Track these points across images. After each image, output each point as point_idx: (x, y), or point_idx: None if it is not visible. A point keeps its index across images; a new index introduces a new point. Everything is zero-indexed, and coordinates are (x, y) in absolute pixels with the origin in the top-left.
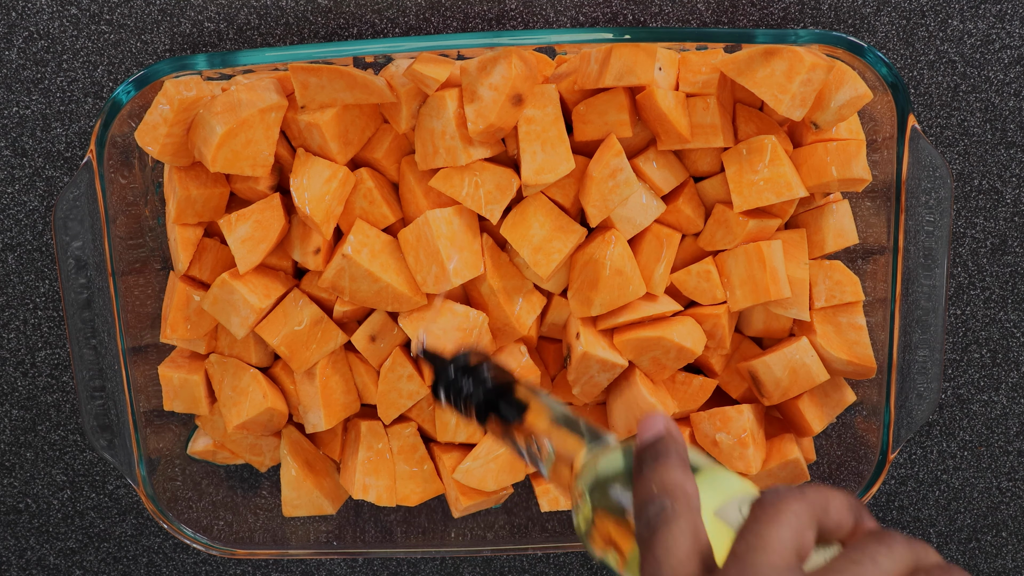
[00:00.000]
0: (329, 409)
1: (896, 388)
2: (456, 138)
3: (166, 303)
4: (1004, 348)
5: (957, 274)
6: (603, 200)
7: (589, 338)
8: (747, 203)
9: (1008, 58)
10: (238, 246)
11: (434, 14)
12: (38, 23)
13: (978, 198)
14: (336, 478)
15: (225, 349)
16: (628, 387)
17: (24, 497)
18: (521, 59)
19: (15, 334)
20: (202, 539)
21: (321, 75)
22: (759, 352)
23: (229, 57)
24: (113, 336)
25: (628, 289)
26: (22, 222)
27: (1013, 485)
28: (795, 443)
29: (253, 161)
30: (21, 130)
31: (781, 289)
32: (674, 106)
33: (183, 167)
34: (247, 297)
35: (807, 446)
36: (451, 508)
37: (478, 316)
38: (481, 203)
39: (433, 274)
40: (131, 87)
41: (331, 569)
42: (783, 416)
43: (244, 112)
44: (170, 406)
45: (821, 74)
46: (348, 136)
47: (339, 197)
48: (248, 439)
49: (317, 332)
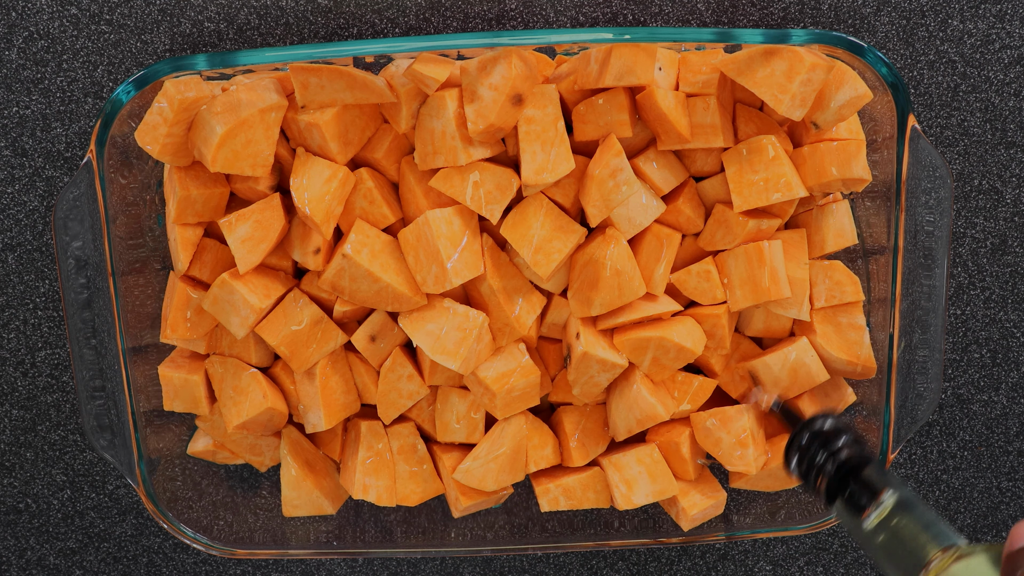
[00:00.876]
0: (329, 409)
1: (896, 388)
2: (456, 138)
3: (166, 303)
4: (1004, 348)
5: (957, 274)
6: (603, 200)
7: (589, 338)
8: (747, 203)
9: (1008, 58)
10: (238, 246)
11: (434, 14)
12: (38, 23)
13: (978, 198)
14: (336, 478)
15: (225, 349)
16: (628, 387)
17: (24, 497)
18: (521, 59)
19: (15, 334)
20: (202, 539)
21: (321, 75)
22: (759, 352)
23: (229, 57)
24: (113, 336)
25: (628, 289)
26: (22, 222)
27: (1013, 485)
28: None
29: (253, 161)
30: (21, 130)
31: (781, 289)
32: (674, 106)
33: (183, 167)
34: (247, 297)
35: None
36: (451, 508)
37: (478, 316)
38: (481, 203)
39: (433, 274)
40: (131, 87)
41: (331, 569)
42: None
43: (244, 112)
44: (170, 406)
45: (821, 74)
46: (348, 136)
47: (339, 197)
48: (248, 439)
49: (317, 332)
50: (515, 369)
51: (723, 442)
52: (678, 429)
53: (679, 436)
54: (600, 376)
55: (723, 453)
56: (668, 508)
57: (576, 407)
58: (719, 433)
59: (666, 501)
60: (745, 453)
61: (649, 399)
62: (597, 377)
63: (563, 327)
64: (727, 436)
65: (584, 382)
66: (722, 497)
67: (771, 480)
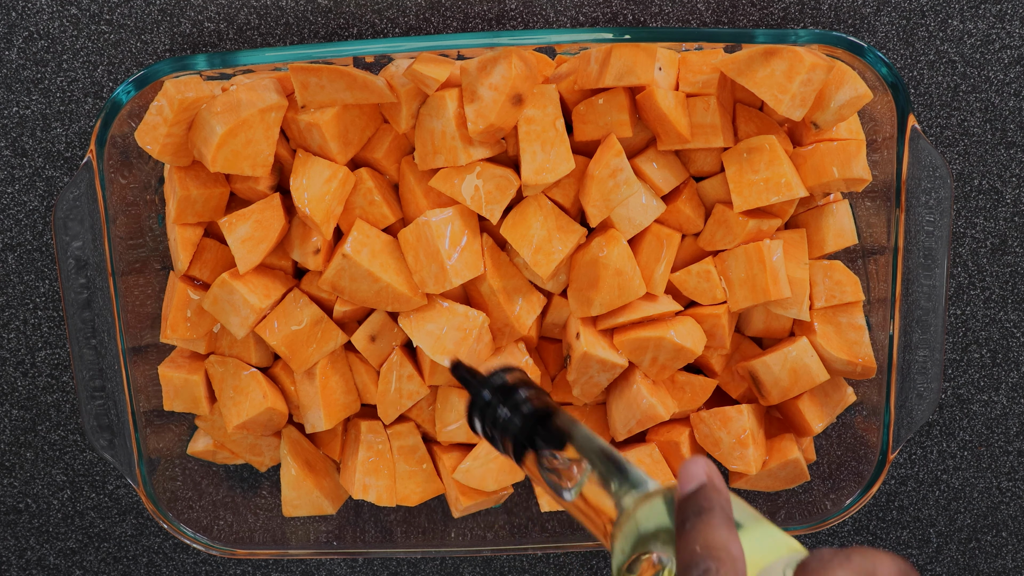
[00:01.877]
0: (329, 409)
1: (896, 388)
2: (456, 138)
3: (166, 303)
4: (1004, 348)
5: (957, 274)
6: (603, 200)
7: (589, 338)
8: (747, 203)
9: (1008, 58)
10: (238, 246)
11: (434, 14)
12: (38, 23)
13: (978, 198)
14: (336, 478)
15: (225, 349)
16: (628, 387)
17: (24, 497)
18: (521, 59)
19: (15, 334)
20: (202, 539)
21: (321, 75)
22: (759, 352)
23: (229, 57)
24: (113, 336)
25: (628, 289)
26: (22, 222)
27: (1013, 485)
28: (795, 443)
29: (253, 161)
30: (21, 130)
31: (781, 289)
32: (674, 106)
33: (183, 167)
34: (247, 297)
35: (807, 446)
36: (451, 508)
37: (478, 316)
38: (481, 203)
39: (433, 274)
40: (131, 87)
41: (331, 569)
42: (783, 416)
43: (244, 112)
44: (170, 406)
45: (821, 74)
46: (348, 136)
47: (339, 197)
48: (248, 439)
49: (317, 332)
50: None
51: (723, 442)
52: (678, 429)
53: (679, 436)
54: (600, 376)
55: (723, 453)
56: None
57: (576, 407)
58: (719, 433)
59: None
60: (745, 453)
61: (649, 399)
62: (597, 377)
63: (563, 327)
64: (727, 436)
65: (584, 382)
66: None
67: (771, 480)
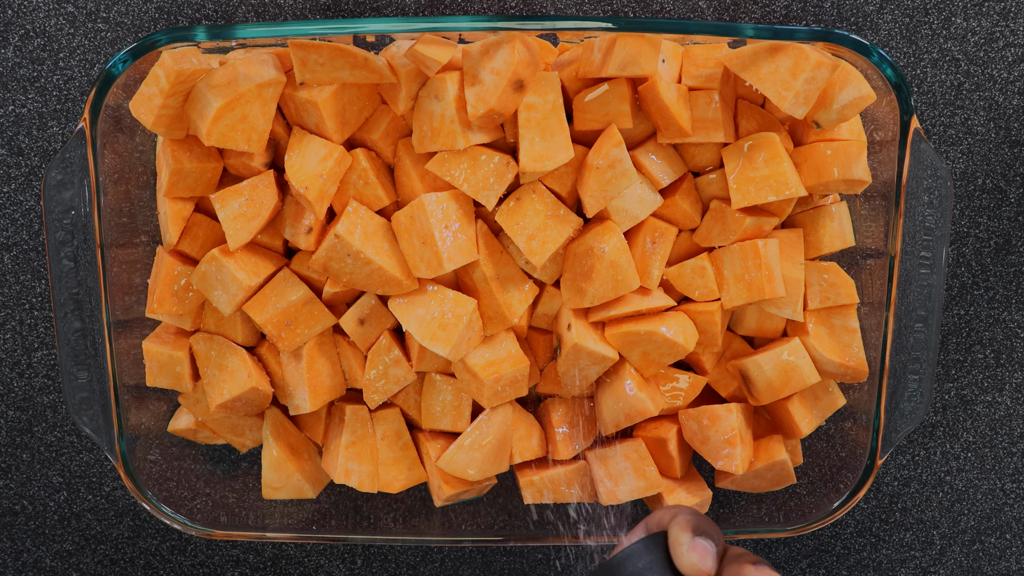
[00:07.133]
0: (314, 391)
1: (887, 393)
2: (455, 122)
3: (153, 277)
4: (1008, 349)
5: (960, 274)
6: (601, 190)
7: (580, 330)
8: (745, 200)
9: (1012, 56)
10: (229, 222)
11: (435, 8)
12: (34, 21)
13: (981, 197)
14: (318, 462)
15: (211, 326)
16: (617, 381)
17: (20, 499)
18: (524, 44)
19: (11, 335)
20: (181, 519)
21: (321, 52)
22: (750, 351)
23: (228, 30)
24: (99, 309)
25: (623, 282)
26: (18, 222)
27: (1017, 486)
28: (783, 445)
29: (248, 136)
30: (17, 128)
31: (776, 288)
32: (676, 99)
33: (177, 140)
34: (236, 274)
35: (795, 449)
36: (433, 497)
37: (470, 302)
38: (477, 188)
39: (426, 258)
40: (128, 56)
41: (331, 569)
42: (772, 417)
43: (241, 86)
44: (153, 382)
45: (825, 72)
46: (345, 115)
47: (334, 176)
48: (230, 419)
49: (306, 313)
50: (504, 358)
51: (711, 440)
52: (666, 426)
53: (667, 433)
54: (590, 369)
55: (710, 451)
56: (653, 506)
57: (564, 399)
58: (707, 431)
59: (651, 498)
60: (732, 452)
61: (638, 394)
62: (587, 370)
63: (554, 318)
64: (715, 434)
65: (573, 374)
66: (708, 495)
67: (757, 481)
